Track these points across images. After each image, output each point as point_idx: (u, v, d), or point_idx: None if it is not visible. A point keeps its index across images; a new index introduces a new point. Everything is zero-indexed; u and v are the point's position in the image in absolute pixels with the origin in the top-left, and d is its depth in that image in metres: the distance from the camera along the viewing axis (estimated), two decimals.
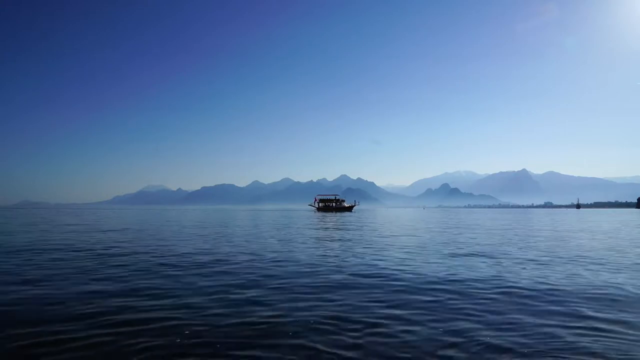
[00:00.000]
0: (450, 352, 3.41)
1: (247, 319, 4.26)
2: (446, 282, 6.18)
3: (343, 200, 74.35)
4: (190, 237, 14.81)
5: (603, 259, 9.09)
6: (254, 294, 5.40)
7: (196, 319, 4.25)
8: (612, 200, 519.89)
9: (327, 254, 9.65)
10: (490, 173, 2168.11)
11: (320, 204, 74.44)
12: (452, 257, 9.21)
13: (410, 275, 6.74)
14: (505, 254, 9.89)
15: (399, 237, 15.11)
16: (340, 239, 13.82)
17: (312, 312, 4.50)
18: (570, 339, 3.72)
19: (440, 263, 8.19)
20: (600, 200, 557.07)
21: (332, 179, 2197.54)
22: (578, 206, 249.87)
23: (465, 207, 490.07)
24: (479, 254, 9.85)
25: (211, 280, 6.32)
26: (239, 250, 10.33)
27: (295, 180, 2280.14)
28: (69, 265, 7.77)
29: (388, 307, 4.77)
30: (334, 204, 73.20)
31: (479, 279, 6.44)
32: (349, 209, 74.31)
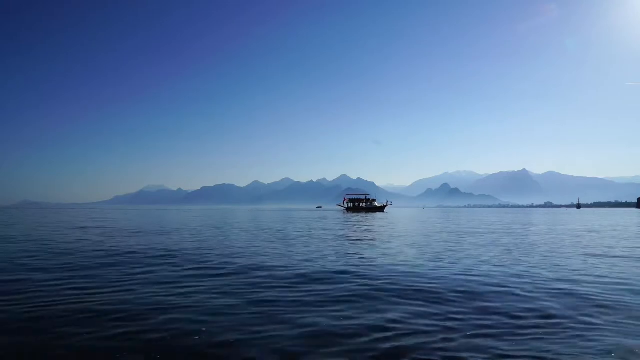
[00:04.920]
0: None
1: None
2: None
3: (374, 200, 71.03)
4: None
5: None
6: None
7: None
8: (612, 200, 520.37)
9: None
10: (490, 173, 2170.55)
11: (349, 204, 71.84)
12: None
13: None
14: None
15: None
16: None
17: None
18: None
19: None
20: (600, 200, 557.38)
21: (332, 179, 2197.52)
22: (579, 206, 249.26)
23: (465, 207, 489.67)
24: None
25: None
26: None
27: (295, 180, 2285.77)
28: None
29: None
30: (364, 204, 70.29)
31: None
32: (381, 209, 70.41)
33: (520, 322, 4.13)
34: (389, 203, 74.10)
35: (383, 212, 67.34)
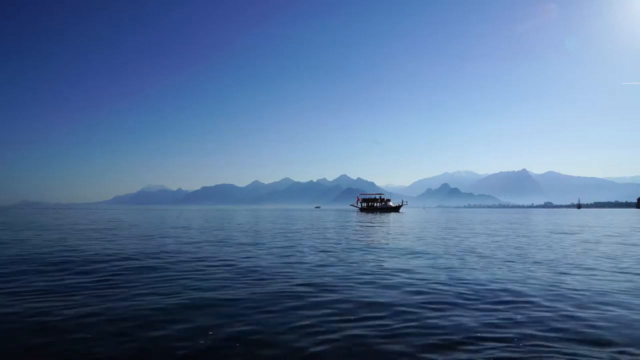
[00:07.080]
0: None
1: None
2: None
3: (389, 200, 70.25)
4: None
5: None
6: None
7: None
8: (612, 200, 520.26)
9: None
10: (490, 173, 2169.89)
11: (363, 204, 71.55)
12: None
13: None
14: None
15: None
16: None
17: None
18: None
19: None
20: (600, 200, 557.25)
21: (332, 179, 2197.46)
22: (579, 206, 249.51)
23: (465, 207, 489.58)
24: None
25: None
26: None
27: (295, 180, 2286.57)
28: None
29: None
30: (378, 204, 69.65)
31: None
32: (396, 209, 68.72)
33: None
34: (404, 203, 72.13)
35: (398, 212, 65.87)
